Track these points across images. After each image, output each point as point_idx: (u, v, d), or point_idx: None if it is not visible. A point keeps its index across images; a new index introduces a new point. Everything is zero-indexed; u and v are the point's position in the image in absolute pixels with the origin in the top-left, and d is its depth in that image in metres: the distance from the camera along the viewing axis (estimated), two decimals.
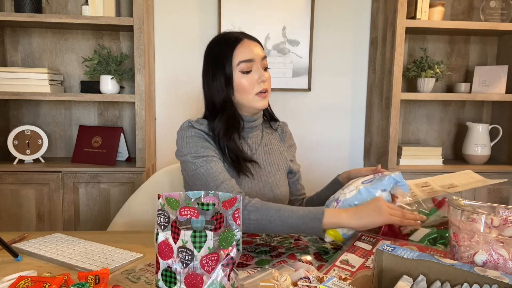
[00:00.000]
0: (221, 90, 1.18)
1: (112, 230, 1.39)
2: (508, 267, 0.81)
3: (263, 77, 1.16)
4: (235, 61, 1.16)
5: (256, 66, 1.17)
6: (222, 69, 1.17)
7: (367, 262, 0.92)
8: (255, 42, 1.20)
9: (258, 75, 1.16)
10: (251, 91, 1.17)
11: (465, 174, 1.33)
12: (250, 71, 1.17)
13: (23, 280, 0.80)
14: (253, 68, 1.17)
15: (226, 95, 1.18)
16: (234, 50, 1.16)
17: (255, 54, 1.17)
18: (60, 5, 2.27)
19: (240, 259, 0.94)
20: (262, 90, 1.17)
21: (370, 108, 2.48)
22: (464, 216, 0.88)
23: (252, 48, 1.17)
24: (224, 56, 1.17)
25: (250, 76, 1.16)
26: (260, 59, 1.18)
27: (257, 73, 1.16)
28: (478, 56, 2.52)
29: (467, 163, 2.39)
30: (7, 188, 2.04)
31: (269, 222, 1.00)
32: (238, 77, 1.16)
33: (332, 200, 1.11)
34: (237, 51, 1.16)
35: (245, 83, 1.16)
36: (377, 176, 1.09)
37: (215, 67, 1.18)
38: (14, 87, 2.04)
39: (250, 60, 1.16)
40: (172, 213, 0.76)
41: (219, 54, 1.18)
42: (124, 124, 2.38)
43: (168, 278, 0.74)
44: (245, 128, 1.24)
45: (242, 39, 1.18)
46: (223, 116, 1.18)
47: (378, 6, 2.36)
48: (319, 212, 0.98)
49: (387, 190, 1.04)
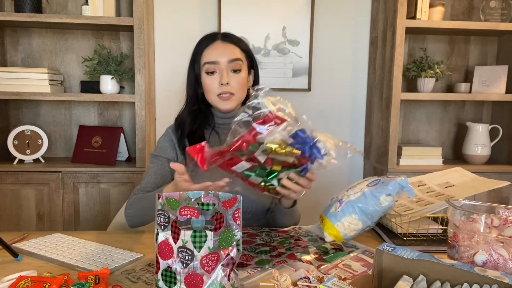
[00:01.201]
0: (192, 86, 1.27)
1: (112, 230, 1.39)
2: (508, 267, 0.81)
3: (223, 80, 1.19)
4: (202, 61, 1.22)
5: (220, 69, 1.20)
6: (192, 67, 1.25)
7: (369, 271, 0.92)
8: (228, 44, 1.23)
9: (219, 78, 1.20)
10: (212, 92, 1.22)
11: (457, 172, 1.33)
12: (214, 72, 1.21)
13: (23, 280, 0.80)
14: (217, 70, 1.21)
15: (195, 91, 1.26)
16: (204, 51, 1.23)
17: (220, 57, 1.20)
18: (60, 5, 2.26)
19: (240, 259, 0.94)
20: (221, 92, 1.20)
21: (370, 108, 2.48)
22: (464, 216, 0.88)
23: (220, 50, 1.21)
24: (196, 55, 1.25)
25: (212, 78, 1.21)
26: (227, 61, 1.20)
27: (218, 76, 1.20)
28: (478, 56, 2.52)
29: (467, 163, 2.39)
30: (7, 188, 2.04)
31: (144, 210, 1.15)
32: (204, 77, 1.23)
33: (335, 200, 1.11)
34: (205, 52, 1.22)
35: (207, 84, 1.22)
36: (382, 179, 1.08)
37: (190, 64, 1.27)
38: (14, 87, 2.04)
39: (213, 62, 1.20)
40: (172, 213, 0.76)
41: (193, 52, 1.26)
42: (124, 124, 2.38)
43: (168, 278, 0.74)
44: (219, 124, 1.29)
45: (214, 41, 1.23)
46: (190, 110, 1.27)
47: (378, 6, 2.36)
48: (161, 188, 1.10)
49: (392, 194, 1.04)
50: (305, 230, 1.21)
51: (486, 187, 1.21)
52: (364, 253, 1.04)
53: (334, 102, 2.51)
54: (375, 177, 1.13)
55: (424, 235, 1.16)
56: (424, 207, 1.17)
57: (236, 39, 1.26)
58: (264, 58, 2.41)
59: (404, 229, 1.14)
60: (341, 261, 0.98)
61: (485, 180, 1.25)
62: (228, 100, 1.22)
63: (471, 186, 1.23)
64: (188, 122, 1.28)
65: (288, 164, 0.95)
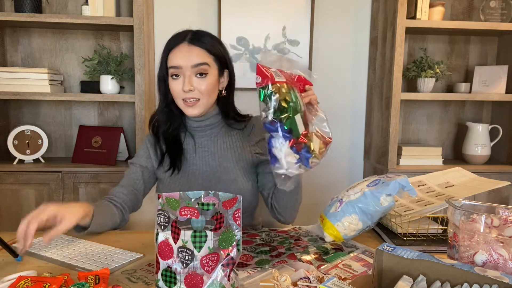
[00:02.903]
0: (160, 87, 1.23)
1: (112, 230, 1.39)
2: (508, 267, 0.81)
3: (185, 87, 1.14)
4: (168, 64, 1.18)
5: (183, 73, 1.15)
6: (160, 68, 1.21)
7: (369, 271, 0.92)
8: (193, 47, 1.15)
9: (182, 84, 1.15)
10: (177, 97, 1.18)
11: (457, 172, 1.33)
12: (178, 76, 1.16)
13: (23, 280, 0.80)
14: (180, 75, 1.16)
15: (163, 93, 1.23)
16: (169, 53, 1.18)
17: (184, 61, 1.14)
18: (60, 5, 2.26)
19: (240, 259, 0.94)
20: (185, 98, 1.16)
21: (370, 108, 2.48)
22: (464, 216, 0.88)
23: (183, 55, 1.15)
24: (162, 56, 1.20)
25: (177, 82, 1.16)
26: (189, 66, 1.14)
27: (181, 81, 1.16)
28: (478, 56, 2.52)
29: (467, 163, 2.39)
30: (7, 188, 2.04)
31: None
32: (170, 80, 1.18)
33: (336, 200, 1.11)
34: (171, 54, 1.17)
35: (172, 88, 1.18)
36: (382, 179, 1.08)
37: (159, 65, 1.23)
38: (14, 87, 2.04)
39: (176, 67, 1.15)
40: (172, 213, 0.76)
41: (162, 52, 1.21)
42: (124, 124, 2.38)
43: (168, 278, 0.74)
44: (193, 128, 1.27)
45: (180, 43, 1.16)
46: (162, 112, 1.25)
47: (378, 6, 2.36)
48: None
49: (392, 194, 1.04)
50: (305, 230, 1.21)
51: (486, 187, 1.21)
52: (364, 253, 1.04)
53: (334, 102, 2.51)
54: (375, 176, 1.13)
55: (424, 235, 1.16)
56: (424, 207, 1.17)
57: (205, 40, 1.17)
58: None
59: (404, 229, 1.14)
60: (341, 261, 0.98)
61: (485, 180, 1.25)
62: (193, 106, 1.17)
63: (471, 186, 1.23)
64: (161, 125, 1.26)
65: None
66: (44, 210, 0.94)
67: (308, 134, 0.96)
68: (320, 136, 1.01)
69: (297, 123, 0.92)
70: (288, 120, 0.91)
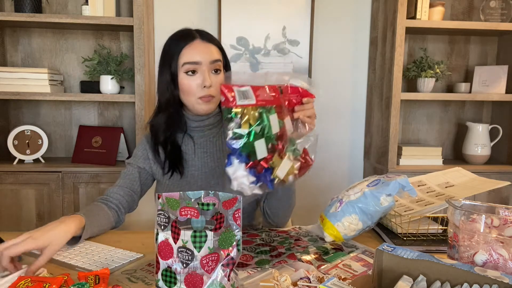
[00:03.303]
0: (166, 87, 1.18)
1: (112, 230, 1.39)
2: (508, 267, 0.81)
3: (205, 82, 1.13)
4: (181, 61, 1.15)
5: (201, 69, 1.14)
6: (168, 66, 1.17)
7: (369, 271, 0.92)
8: (208, 44, 1.17)
9: (202, 80, 1.14)
10: (193, 94, 1.15)
11: (457, 172, 1.33)
12: (195, 72, 1.14)
13: (23, 280, 0.80)
14: (199, 71, 1.14)
15: (171, 93, 1.18)
16: (182, 50, 1.15)
17: (202, 57, 1.14)
18: (60, 5, 2.26)
19: (240, 259, 0.94)
20: (203, 95, 1.15)
21: (370, 108, 2.48)
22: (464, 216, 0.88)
23: (201, 50, 1.14)
24: (172, 53, 1.16)
25: (194, 78, 1.14)
26: (208, 62, 1.14)
27: (201, 77, 1.14)
28: (478, 56, 2.52)
29: (467, 163, 2.39)
30: (7, 188, 2.04)
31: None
32: (182, 77, 1.15)
33: (336, 200, 1.11)
34: (184, 51, 1.15)
35: (188, 85, 1.15)
36: (382, 179, 1.08)
37: (163, 63, 1.19)
38: (14, 87, 2.04)
39: (195, 62, 1.13)
40: (172, 213, 0.76)
41: (168, 50, 1.18)
42: (124, 124, 2.38)
43: (168, 278, 0.74)
44: (193, 128, 1.24)
45: (193, 39, 1.16)
46: (164, 114, 1.21)
47: (378, 6, 2.36)
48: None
49: (392, 195, 1.04)
50: (305, 230, 1.21)
51: (486, 187, 1.21)
52: (364, 253, 1.04)
53: (334, 102, 2.51)
54: (375, 176, 1.13)
55: (424, 235, 1.16)
56: (424, 207, 1.17)
57: (214, 38, 1.20)
58: (264, 58, 2.41)
59: (404, 229, 1.14)
60: (341, 261, 0.98)
61: (485, 180, 1.25)
62: (210, 102, 1.17)
63: (471, 186, 1.23)
64: (163, 128, 1.23)
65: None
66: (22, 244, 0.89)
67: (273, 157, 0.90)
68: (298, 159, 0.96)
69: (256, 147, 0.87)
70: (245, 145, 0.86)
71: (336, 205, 1.08)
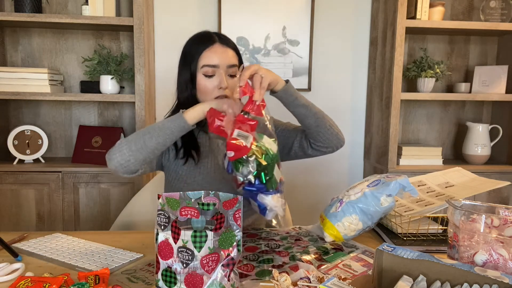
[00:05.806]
0: (185, 86, 1.24)
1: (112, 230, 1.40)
2: (508, 267, 0.81)
3: (222, 84, 1.18)
4: (200, 63, 1.20)
5: (219, 72, 1.19)
6: (188, 67, 1.22)
7: (369, 271, 0.92)
8: (227, 48, 1.22)
9: (218, 81, 1.19)
10: (210, 95, 1.20)
11: (457, 172, 1.33)
12: (213, 75, 1.20)
13: (23, 280, 0.80)
14: (216, 74, 1.20)
15: (189, 92, 1.23)
16: (202, 53, 1.20)
17: (221, 61, 1.19)
18: (60, 5, 2.26)
19: (241, 269, 0.92)
20: (219, 96, 1.19)
21: (370, 108, 2.49)
22: (464, 216, 0.88)
23: (220, 54, 1.20)
24: (192, 55, 1.22)
25: (211, 80, 1.20)
26: (225, 66, 1.20)
27: (218, 79, 1.19)
28: (478, 56, 2.52)
29: (467, 163, 2.39)
30: (7, 188, 2.04)
31: (137, 136, 1.08)
32: (200, 78, 1.21)
33: (336, 200, 1.11)
34: (204, 54, 1.20)
35: (205, 86, 1.20)
36: (382, 179, 1.08)
37: (183, 64, 1.25)
38: (14, 87, 2.04)
39: (214, 66, 1.19)
40: (172, 213, 0.76)
41: (189, 52, 1.24)
42: (124, 124, 2.38)
43: (168, 278, 0.74)
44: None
45: (213, 43, 1.21)
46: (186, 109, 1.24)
47: (378, 6, 2.36)
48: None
49: (392, 195, 1.04)
50: (305, 230, 1.21)
51: (486, 187, 1.21)
52: (364, 253, 1.04)
53: (334, 102, 2.51)
54: (375, 176, 1.13)
55: (424, 235, 1.16)
56: (424, 208, 1.17)
57: (231, 41, 1.25)
58: (264, 58, 2.41)
59: (404, 229, 1.14)
60: (341, 261, 0.98)
61: (485, 180, 1.25)
62: None
63: (471, 186, 1.23)
64: None
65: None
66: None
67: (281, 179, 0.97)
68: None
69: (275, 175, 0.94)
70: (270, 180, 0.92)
71: (336, 205, 1.09)
